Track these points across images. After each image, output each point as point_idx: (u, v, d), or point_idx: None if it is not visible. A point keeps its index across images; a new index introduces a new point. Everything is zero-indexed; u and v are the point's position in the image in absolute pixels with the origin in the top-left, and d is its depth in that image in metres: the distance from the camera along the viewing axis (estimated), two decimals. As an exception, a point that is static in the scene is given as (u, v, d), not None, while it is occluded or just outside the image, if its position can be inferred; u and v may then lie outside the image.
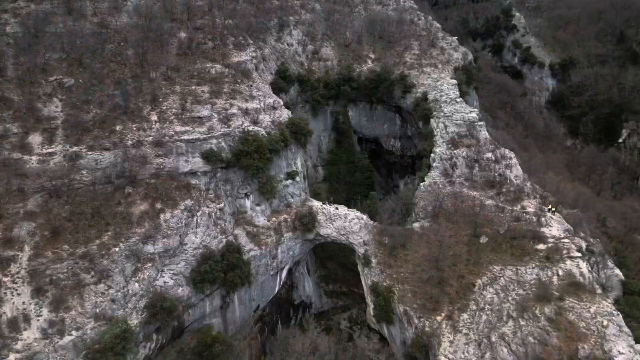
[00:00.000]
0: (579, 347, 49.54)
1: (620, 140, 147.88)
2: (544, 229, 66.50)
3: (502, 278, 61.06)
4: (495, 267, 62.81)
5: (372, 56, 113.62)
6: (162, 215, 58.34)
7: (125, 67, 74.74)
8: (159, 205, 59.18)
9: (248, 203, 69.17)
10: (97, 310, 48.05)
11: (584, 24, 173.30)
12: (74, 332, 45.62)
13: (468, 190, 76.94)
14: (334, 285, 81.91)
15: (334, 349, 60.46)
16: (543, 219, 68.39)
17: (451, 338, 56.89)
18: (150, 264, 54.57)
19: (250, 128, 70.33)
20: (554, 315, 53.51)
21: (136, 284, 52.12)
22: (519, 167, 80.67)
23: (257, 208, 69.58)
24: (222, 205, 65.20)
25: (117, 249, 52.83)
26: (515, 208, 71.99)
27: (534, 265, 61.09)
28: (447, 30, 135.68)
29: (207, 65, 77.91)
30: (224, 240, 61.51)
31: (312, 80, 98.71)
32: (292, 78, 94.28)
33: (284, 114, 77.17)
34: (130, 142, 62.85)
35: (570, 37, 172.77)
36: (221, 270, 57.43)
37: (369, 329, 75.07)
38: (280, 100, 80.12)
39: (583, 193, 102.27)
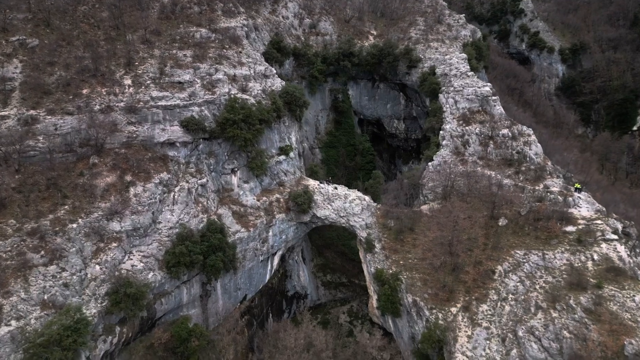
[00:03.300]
0: (625, 342, 41.35)
1: (635, 128, 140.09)
2: (572, 210, 58.42)
3: (526, 264, 52.87)
4: (518, 251, 54.64)
5: (374, 32, 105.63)
6: (132, 189, 50.05)
7: (98, 30, 66.50)
8: (128, 178, 50.90)
9: (235, 180, 60.84)
10: (46, 297, 39.70)
11: (594, 8, 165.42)
12: (13, 322, 37.26)
13: (482, 169, 68.79)
14: (332, 276, 73.67)
15: (332, 344, 52.20)
16: (570, 198, 60.28)
17: (469, 332, 48.66)
18: (115, 244, 46.21)
19: (239, 96, 62.01)
20: (592, 305, 45.34)
21: (97, 267, 43.76)
22: (538, 144, 72.66)
23: (245, 186, 61.24)
24: (204, 180, 56.88)
25: (74, 225, 44.51)
26: (537, 187, 63.95)
27: (563, 249, 52.95)
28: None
29: (192, 29, 69.55)
30: (205, 220, 53.14)
31: (309, 54, 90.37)
32: (287, 50, 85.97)
33: (277, 83, 68.92)
34: (98, 107, 54.59)
35: (581, 21, 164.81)
36: (200, 252, 49.11)
37: (371, 323, 66.85)
38: (273, 69, 71.81)
39: (599, 181, 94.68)
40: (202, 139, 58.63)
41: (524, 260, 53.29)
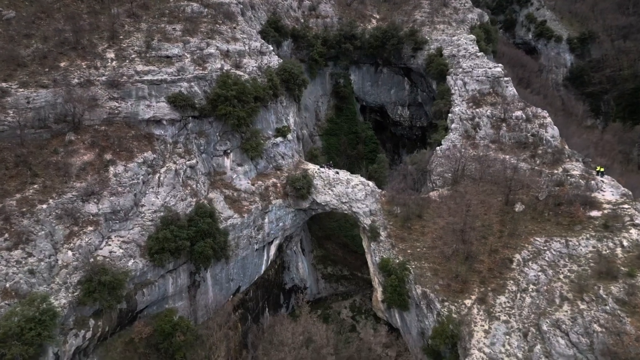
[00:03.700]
0: (666, 336, 36.43)
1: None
2: (595, 194, 53.42)
3: (547, 252, 47.95)
4: (538, 239, 49.73)
5: (377, 16, 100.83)
6: (111, 168, 45.23)
7: (81, 3, 61.84)
8: (108, 156, 46.08)
9: (227, 162, 56.00)
10: (8, 285, 34.89)
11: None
12: (-33, 313, 32.40)
13: (495, 153, 63.90)
14: (334, 268, 68.79)
15: (333, 340, 47.34)
16: (593, 182, 55.31)
17: (486, 326, 43.76)
18: (91, 228, 41.36)
19: (232, 72, 57.15)
20: (625, 295, 40.40)
21: (69, 253, 38.91)
22: (554, 127, 67.76)
23: (239, 169, 56.37)
24: (193, 162, 52.03)
25: (44, 206, 39.67)
26: (555, 171, 59.06)
27: (588, 235, 48.00)
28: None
29: (182, 3, 64.65)
30: (194, 204, 48.30)
31: (309, 36, 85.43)
32: (286, 30, 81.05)
33: (274, 60, 64.08)
34: (76, 80, 49.74)
35: (589, 9, 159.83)
36: (187, 238, 44.25)
37: (375, 319, 62.04)
38: (270, 46, 66.91)
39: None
40: (191, 117, 53.82)
41: (545, 248, 48.37)
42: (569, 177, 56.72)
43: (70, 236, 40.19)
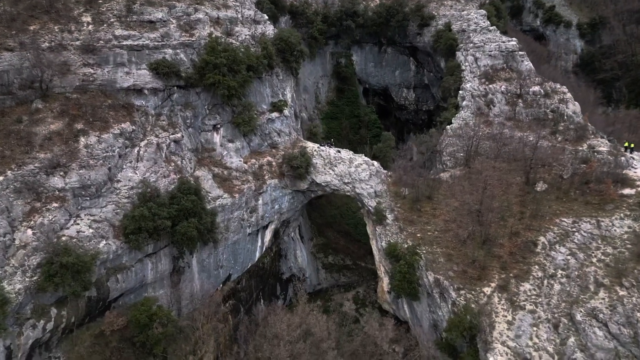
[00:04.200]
0: None
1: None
2: (626, 171, 47.98)
3: (577, 234, 42.52)
4: (565, 219, 44.31)
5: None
6: (82, 139, 39.86)
7: (58, -33, 56.19)
8: (79, 126, 40.71)
9: (217, 138, 50.64)
10: (-50, 266, 29.49)
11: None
12: None
13: (511, 131, 58.42)
14: (335, 257, 63.41)
15: (334, 333, 41.93)
16: (622, 158, 49.88)
17: (509, 317, 38.34)
18: (56, 205, 36.00)
19: (222, 40, 51.70)
20: (672, 280, 34.95)
21: (29, 232, 33.61)
22: (576, 102, 62.39)
23: (230, 145, 51.00)
24: (178, 136, 46.65)
25: (0, 178, 34.27)
26: (580, 148, 53.57)
27: (622, 214, 42.59)
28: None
29: (169, -31, 59.00)
30: (177, 181, 42.93)
31: (308, 12, 79.91)
32: (283, 5, 75.56)
33: (269, 30, 58.66)
34: (47, 44, 44.32)
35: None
36: (168, 217, 38.85)
37: (381, 312, 56.56)
38: (265, 15, 61.45)
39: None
40: (176, 87, 48.45)
41: (574, 230, 42.93)
42: (595, 154, 51.27)
43: (30, 213, 34.83)
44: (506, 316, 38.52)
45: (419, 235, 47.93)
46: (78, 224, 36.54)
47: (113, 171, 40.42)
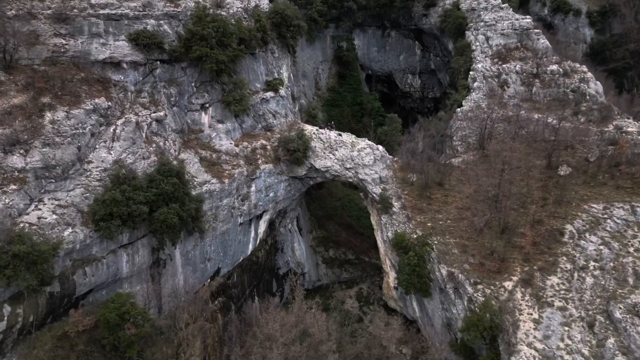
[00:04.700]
0: None
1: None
2: (660, 152, 43.00)
3: (609, 220, 37.70)
4: (594, 205, 39.46)
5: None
6: (48, 114, 35.12)
7: None
8: (46, 100, 35.96)
9: (205, 118, 45.89)
10: None
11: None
12: None
13: (528, 113, 53.55)
14: (336, 251, 58.57)
15: (336, 334, 37.12)
16: (655, 139, 44.90)
17: (535, 315, 33.45)
18: (14, 187, 31.28)
19: (211, 11, 46.88)
20: None
21: (-21, 217, 28.81)
22: (597, 82, 57.49)
23: (220, 126, 46.24)
24: (161, 114, 41.90)
25: (-53, 154, 29.59)
26: (606, 129, 48.64)
27: (660, 198, 37.61)
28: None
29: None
30: (157, 162, 38.17)
31: (307, -7, 74.90)
32: (280, -16, 70.50)
33: (264, 3, 53.74)
34: (13, 12, 39.55)
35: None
36: (145, 201, 34.05)
37: (386, 310, 51.66)
38: (259, -11, 56.54)
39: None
40: (159, 62, 43.65)
41: (605, 216, 38.11)
42: (624, 135, 46.34)
43: (-17, 196, 30.13)
44: (532, 314, 33.65)
45: (429, 224, 43.08)
46: (40, 209, 31.79)
47: (83, 151, 35.68)
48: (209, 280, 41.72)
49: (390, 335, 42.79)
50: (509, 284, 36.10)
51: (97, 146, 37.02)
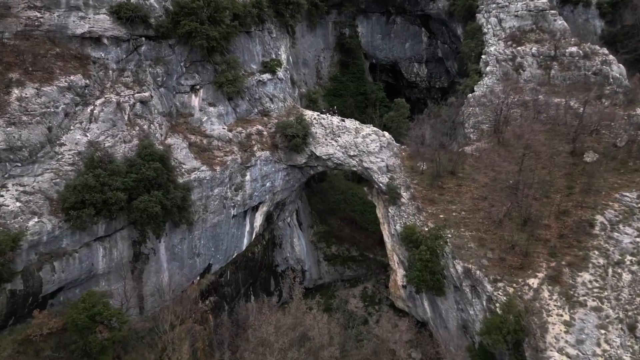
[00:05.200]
0: None
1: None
2: (697, 136, 38.91)
3: (645, 210, 33.53)
4: (627, 194, 35.51)
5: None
6: (15, 91, 31.33)
7: None
8: (14, 76, 32.14)
9: (196, 101, 42.01)
10: None
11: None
12: None
13: (547, 97, 49.45)
14: (339, 247, 54.60)
15: (339, 338, 33.17)
16: (690, 122, 40.77)
17: (566, 316, 29.44)
18: (-28, 170, 27.45)
19: (202, -14, 42.92)
20: None
21: None
22: (620, 64, 53.41)
23: (211, 110, 42.35)
24: (146, 95, 38.03)
25: None
26: (634, 113, 44.50)
27: (702, 186, 33.50)
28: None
29: None
30: (139, 145, 34.29)
31: (308, -25, 70.89)
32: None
33: (260, -21, 49.68)
34: (-18, -19, 35.63)
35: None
36: (123, 188, 30.16)
37: (393, 310, 47.65)
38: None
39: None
40: (144, 38, 39.75)
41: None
42: (654, 118, 42.29)
43: None
44: (562, 315, 29.65)
45: (441, 216, 39.06)
46: (2, 195, 27.96)
47: (55, 132, 31.83)
48: (198, 278, 37.78)
49: (397, 337, 38.84)
50: (534, 282, 32.08)
51: (71, 127, 33.18)
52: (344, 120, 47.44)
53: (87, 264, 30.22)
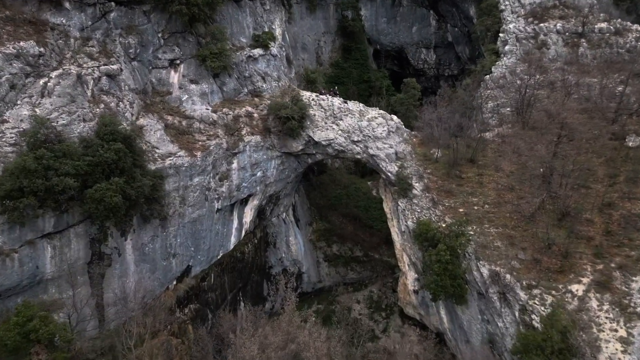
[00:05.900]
0: None
1: None
2: None
3: None
4: (685, 182, 29.50)
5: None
6: (-55, 55, 25.64)
7: None
8: (-53, 38, 26.45)
9: (175, 78, 36.38)
10: None
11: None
12: None
13: (576, 77, 43.68)
14: (341, 247, 48.96)
15: (341, 354, 27.48)
16: None
17: (622, 332, 23.75)
18: None
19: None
20: None
21: None
22: (657, 41, 47.57)
23: (193, 87, 36.70)
24: (114, 68, 32.39)
25: None
26: (679, 91, 38.68)
27: None
28: None
29: None
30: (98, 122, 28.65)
31: (307, -48, 65.43)
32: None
33: (252, -56, 44.03)
34: None
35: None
36: (74, 173, 24.54)
37: (402, 318, 42.13)
38: None
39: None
40: (114, 2, 34.09)
41: None
42: None
43: None
44: (617, 330, 23.93)
45: (461, 210, 33.35)
46: None
47: (-4, 106, 26.22)
48: (174, 282, 32.15)
49: (407, 350, 33.27)
50: (578, 288, 26.36)
51: (18, 102, 27.59)
52: (346, 102, 41.69)
53: (31, 266, 24.59)
